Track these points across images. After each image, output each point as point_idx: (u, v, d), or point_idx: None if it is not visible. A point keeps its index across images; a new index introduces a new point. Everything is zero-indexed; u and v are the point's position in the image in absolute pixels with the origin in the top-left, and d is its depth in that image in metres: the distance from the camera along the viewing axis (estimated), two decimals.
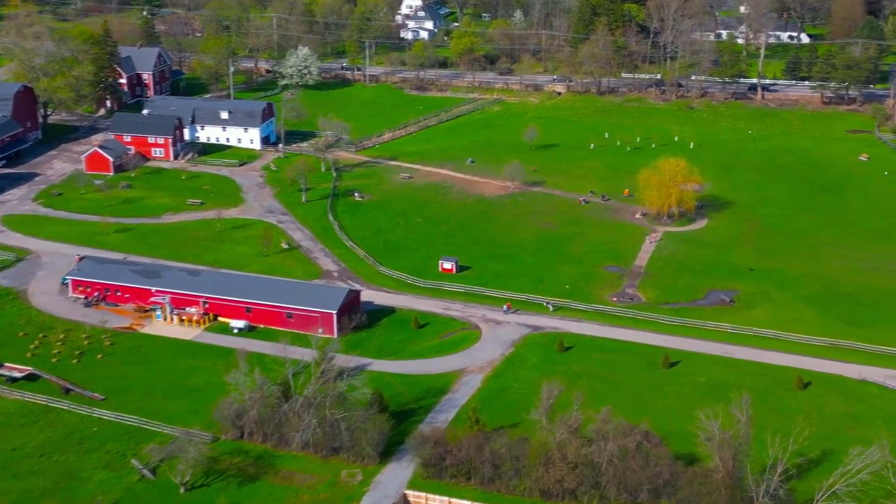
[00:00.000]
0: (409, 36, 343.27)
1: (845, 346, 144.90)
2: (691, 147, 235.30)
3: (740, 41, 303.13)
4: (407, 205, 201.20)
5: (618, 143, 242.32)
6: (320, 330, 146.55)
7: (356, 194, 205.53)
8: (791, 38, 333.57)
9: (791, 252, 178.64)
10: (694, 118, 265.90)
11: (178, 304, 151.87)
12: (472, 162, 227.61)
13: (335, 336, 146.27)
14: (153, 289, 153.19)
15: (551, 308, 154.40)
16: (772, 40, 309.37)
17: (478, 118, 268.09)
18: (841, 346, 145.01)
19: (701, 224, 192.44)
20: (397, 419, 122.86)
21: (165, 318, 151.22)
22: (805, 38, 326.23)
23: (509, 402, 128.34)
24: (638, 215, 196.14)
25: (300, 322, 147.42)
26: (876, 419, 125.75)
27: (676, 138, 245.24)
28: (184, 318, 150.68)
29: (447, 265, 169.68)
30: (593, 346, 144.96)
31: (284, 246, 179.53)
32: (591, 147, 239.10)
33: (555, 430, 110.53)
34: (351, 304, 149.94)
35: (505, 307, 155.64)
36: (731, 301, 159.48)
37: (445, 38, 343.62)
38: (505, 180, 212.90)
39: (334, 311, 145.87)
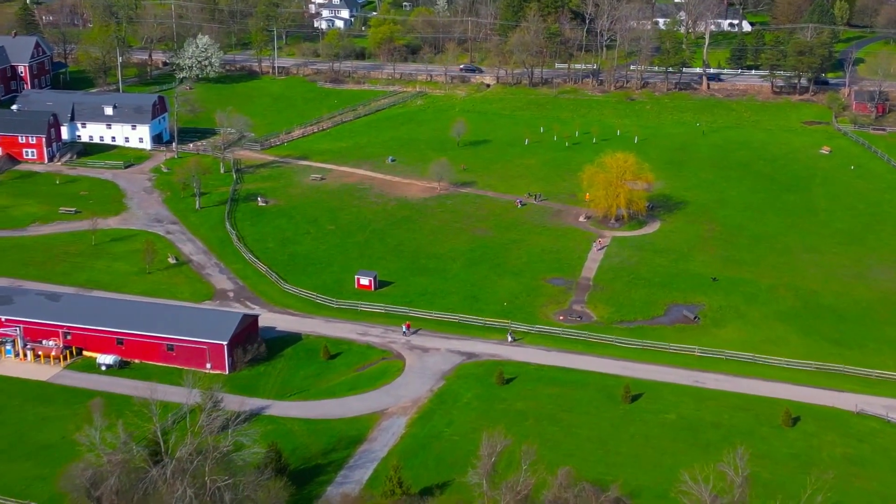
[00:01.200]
0: (323, 25, 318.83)
1: (834, 370, 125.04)
2: (636, 141, 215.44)
3: (681, 29, 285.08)
4: (318, 210, 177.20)
5: (555, 137, 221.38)
6: (209, 365, 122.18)
7: (259, 199, 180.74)
8: (732, 25, 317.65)
9: (758, 259, 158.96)
10: (636, 110, 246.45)
11: (33, 335, 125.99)
12: (393, 161, 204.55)
13: (226, 372, 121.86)
14: (2, 317, 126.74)
15: (511, 339, 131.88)
16: (712, 27, 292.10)
17: (399, 113, 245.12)
18: (829, 370, 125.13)
19: (653, 227, 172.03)
20: (299, 481, 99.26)
21: (17, 354, 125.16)
22: (747, 27, 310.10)
23: (440, 454, 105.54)
24: (582, 218, 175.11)
25: (184, 356, 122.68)
26: (881, 463, 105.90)
27: (619, 132, 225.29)
28: (39, 353, 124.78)
29: (364, 281, 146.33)
30: (540, 376, 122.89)
31: (171, 261, 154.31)
32: (526, 143, 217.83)
33: (499, 498, 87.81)
34: (247, 332, 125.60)
35: (404, 327, 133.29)
36: (695, 318, 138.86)
37: (363, 27, 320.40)
38: (431, 181, 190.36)
39: (225, 342, 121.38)
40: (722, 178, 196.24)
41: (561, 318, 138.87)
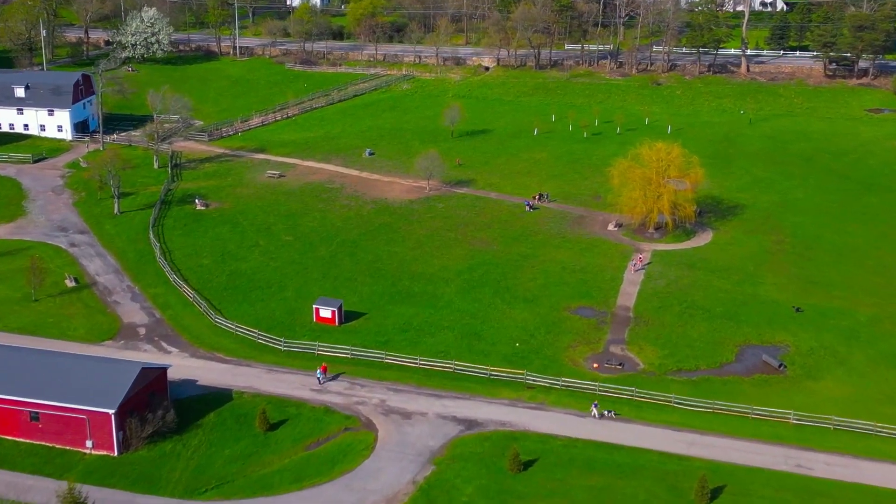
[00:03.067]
0: (295, 2, 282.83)
1: None
2: (669, 132, 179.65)
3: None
4: (272, 216, 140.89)
5: (570, 127, 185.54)
6: (89, 444, 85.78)
7: (196, 201, 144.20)
8: (764, 4, 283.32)
9: (848, 281, 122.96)
10: (664, 96, 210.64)
11: None
12: (372, 154, 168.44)
13: (115, 454, 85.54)
14: None
15: (595, 413, 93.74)
16: (740, 7, 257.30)
17: (381, 98, 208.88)
18: None
19: (704, 239, 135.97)
20: None
21: None
22: (782, 5, 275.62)
23: None
24: (611, 226, 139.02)
25: (54, 429, 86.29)
26: None
27: (647, 120, 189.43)
28: None
29: (325, 312, 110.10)
30: (571, 458, 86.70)
31: (70, 283, 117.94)
32: (535, 133, 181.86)
33: None
34: (148, 393, 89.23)
35: (319, 371, 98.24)
36: (780, 366, 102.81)
37: (343, 5, 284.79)
38: (418, 179, 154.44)
39: (112, 410, 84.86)
40: (781, 175, 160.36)
41: (595, 365, 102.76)
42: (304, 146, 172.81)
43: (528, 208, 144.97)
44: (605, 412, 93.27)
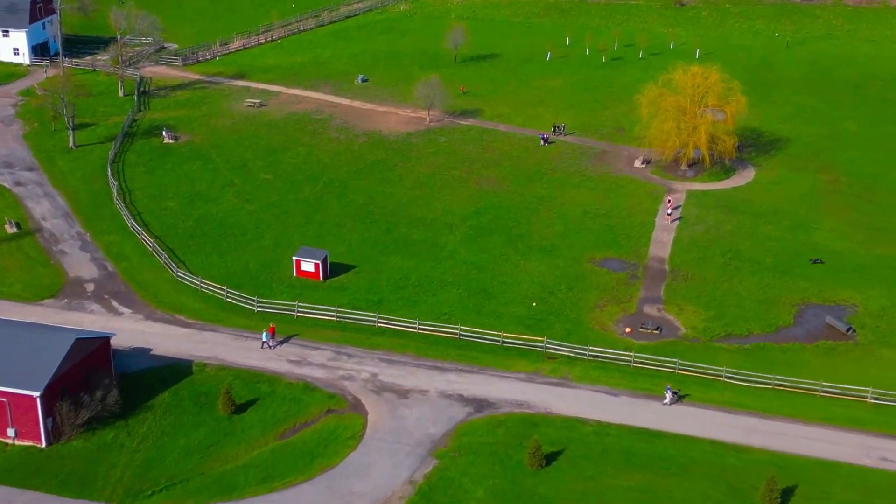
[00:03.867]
0: None
1: None
2: (697, 56, 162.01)
3: None
4: (250, 151, 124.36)
5: (587, 51, 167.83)
6: (11, 432, 70.49)
7: (164, 133, 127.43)
8: None
9: None
10: (689, 18, 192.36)
11: None
12: (365, 81, 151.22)
13: (42, 445, 70.28)
14: None
15: (670, 398, 77.27)
16: None
17: (376, 20, 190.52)
18: None
19: (746, 177, 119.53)
20: None
21: None
22: None
23: None
24: (639, 162, 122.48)
25: None
26: None
27: (672, 44, 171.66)
28: None
29: (308, 265, 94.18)
30: (605, 448, 71.36)
31: (10, 229, 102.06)
32: (548, 58, 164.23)
33: None
34: (85, 368, 73.60)
35: (265, 334, 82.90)
36: (849, 330, 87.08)
37: None
38: (417, 109, 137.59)
39: (37, 393, 69.26)
40: (828, 104, 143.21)
41: (628, 330, 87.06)
42: (290, 72, 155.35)
43: (542, 142, 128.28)
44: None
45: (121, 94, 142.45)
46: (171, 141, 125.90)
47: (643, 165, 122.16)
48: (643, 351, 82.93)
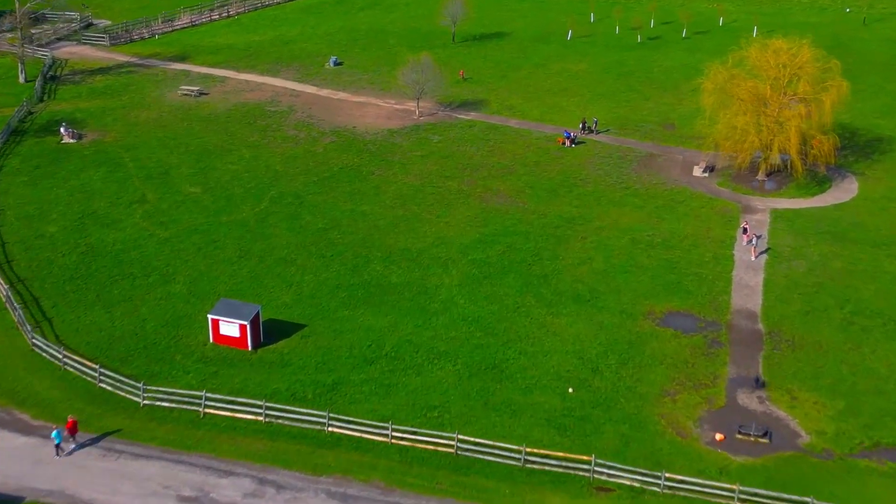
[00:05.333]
0: None
1: None
2: (755, 35, 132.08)
3: None
4: (176, 154, 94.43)
5: (616, 29, 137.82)
6: None
7: (63, 130, 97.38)
8: None
9: None
10: None
11: None
12: (338, 64, 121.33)
13: None
14: None
15: None
16: None
17: None
18: None
19: (847, 190, 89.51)
20: None
21: None
22: None
23: None
24: (699, 170, 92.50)
25: None
26: None
27: (721, 21, 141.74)
28: None
29: (230, 327, 64.02)
30: None
31: None
32: (569, 37, 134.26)
33: None
34: None
35: (57, 434, 55.39)
36: None
37: None
38: (403, 99, 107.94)
39: None
40: None
41: (719, 437, 56.94)
42: (245, 53, 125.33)
43: (567, 143, 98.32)
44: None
45: (21, 79, 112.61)
46: (71, 140, 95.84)
47: (705, 174, 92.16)
48: (750, 476, 53.01)
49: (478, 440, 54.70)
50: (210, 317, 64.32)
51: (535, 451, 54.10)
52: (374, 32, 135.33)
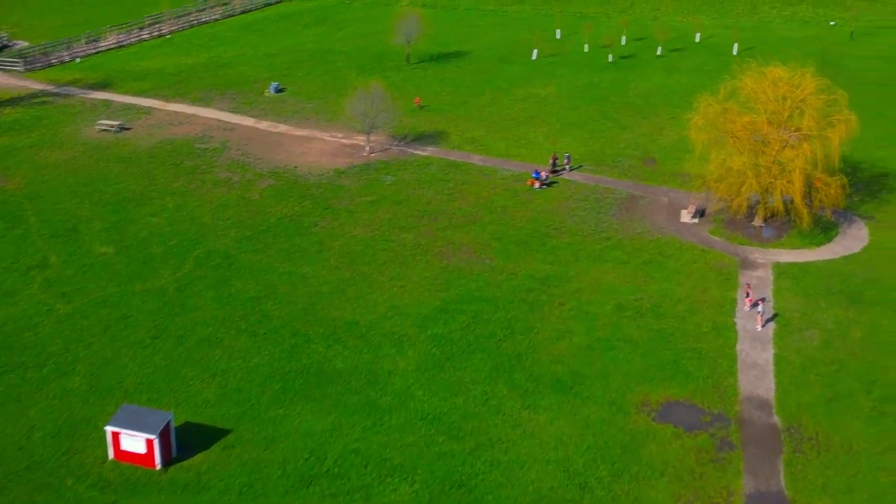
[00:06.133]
0: None
1: None
2: (735, 52, 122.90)
3: None
4: (88, 204, 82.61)
5: (585, 47, 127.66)
6: None
7: None
8: None
9: None
10: (712, 2, 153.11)
11: None
12: (280, 91, 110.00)
13: None
14: None
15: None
16: None
17: (304, 8, 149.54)
18: None
19: (857, 238, 79.28)
20: None
21: None
22: None
23: None
24: (688, 216, 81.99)
25: None
26: None
27: (698, 37, 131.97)
28: None
29: (134, 441, 52.16)
30: None
31: None
32: (535, 57, 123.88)
33: None
34: None
35: None
36: None
37: None
38: (352, 133, 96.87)
39: None
40: None
41: None
42: (175, 79, 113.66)
43: (537, 184, 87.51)
44: None
45: None
46: None
47: (695, 220, 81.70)
48: None
49: None
50: (109, 429, 52.58)
51: None
52: (321, 53, 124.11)
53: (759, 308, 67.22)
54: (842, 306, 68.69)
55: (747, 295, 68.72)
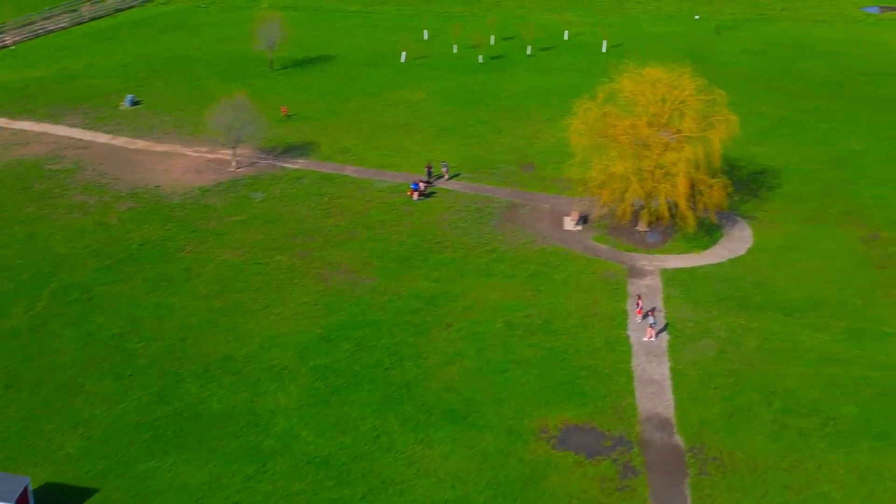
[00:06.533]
0: None
1: None
2: (604, 50, 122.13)
3: None
4: None
5: (454, 48, 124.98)
6: None
7: None
8: None
9: None
10: (570, 0, 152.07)
11: None
12: (136, 104, 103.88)
13: None
14: None
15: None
16: None
17: (159, 12, 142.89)
18: None
19: (741, 239, 78.30)
20: None
21: None
22: None
23: None
24: (572, 223, 79.84)
25: None
26: None
27: (566, 34, 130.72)
28: None
29: None
30: None
31: None
32: (403, 59, 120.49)
33: None
34: None
35: None
36: None
37: None
38: (216, 147, 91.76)
39: None
40: (809, 114, 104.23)
41: None
42: (21, 94, 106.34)
43: (415, 195, 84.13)
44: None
45: None
46: None
47: (579, 227, 79.60)
48: None
49: None
50: None
51: None
52: (179, 61, 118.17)
53: (651, 320, 65.34)
54: (733, 313, 67.37)
55: (638, 306, 66.79)
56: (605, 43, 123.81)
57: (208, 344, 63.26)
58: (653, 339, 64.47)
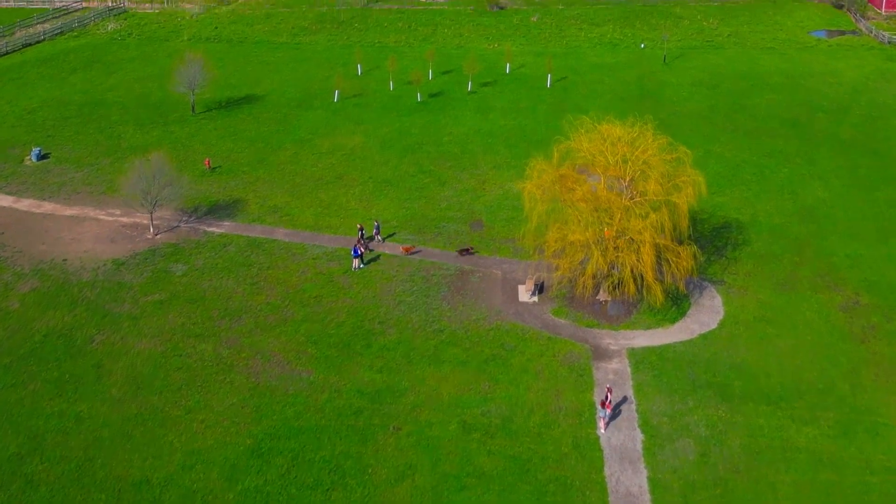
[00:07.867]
0: None
1: None
2: (549, 85, 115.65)
3: None
4: None
5: (391, 84, 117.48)
6: None
7: None
8: None
9: None
10: (515, 26, 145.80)
11: None
12: (43, 158, 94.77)
13: None
14: None
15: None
16: None
17: (70, 48, 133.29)
18: None
19: (711, 310, 71.72)
20: None
21: None
22: None
23: None
24: (527, 294, 72.77)
25: None
26: None
27: (508, 67, 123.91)
28: None
29: None
30: None
31: None
32: (336, 98, 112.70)
33: None
34: None
35: None
36: None
37: None
38: (132, 210, 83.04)
39: None
40: (770, 157, 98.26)
41: None
42: None
43: (355, 262, 76.39)
44: None
45: None
46: None
47: (534, 299, 72.57)
48: None
49: None
50: None
51: None
52: (91, 105, 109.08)
53: (602, 412, 58.50)
54: (712, 404, 60.75)
55: (607, 399, 59.85)
56: (549, 77, 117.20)
57: (120, 464, 54.96)
58: (603, 430, 57.82)
